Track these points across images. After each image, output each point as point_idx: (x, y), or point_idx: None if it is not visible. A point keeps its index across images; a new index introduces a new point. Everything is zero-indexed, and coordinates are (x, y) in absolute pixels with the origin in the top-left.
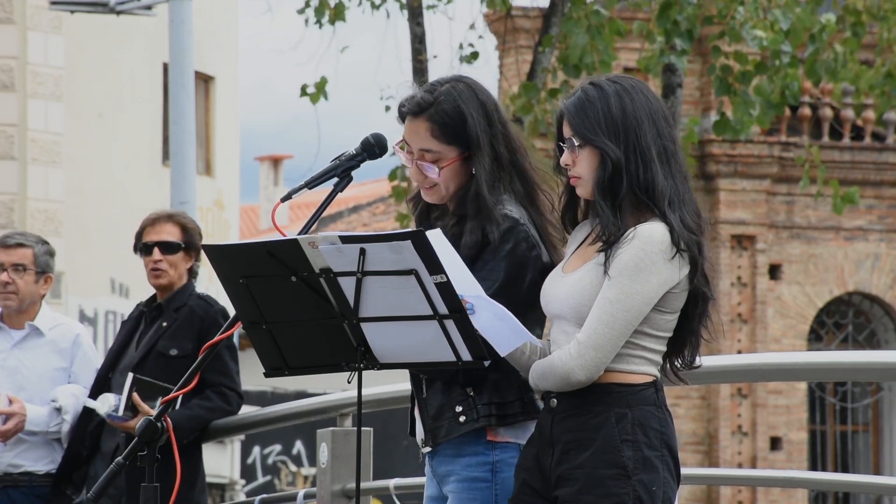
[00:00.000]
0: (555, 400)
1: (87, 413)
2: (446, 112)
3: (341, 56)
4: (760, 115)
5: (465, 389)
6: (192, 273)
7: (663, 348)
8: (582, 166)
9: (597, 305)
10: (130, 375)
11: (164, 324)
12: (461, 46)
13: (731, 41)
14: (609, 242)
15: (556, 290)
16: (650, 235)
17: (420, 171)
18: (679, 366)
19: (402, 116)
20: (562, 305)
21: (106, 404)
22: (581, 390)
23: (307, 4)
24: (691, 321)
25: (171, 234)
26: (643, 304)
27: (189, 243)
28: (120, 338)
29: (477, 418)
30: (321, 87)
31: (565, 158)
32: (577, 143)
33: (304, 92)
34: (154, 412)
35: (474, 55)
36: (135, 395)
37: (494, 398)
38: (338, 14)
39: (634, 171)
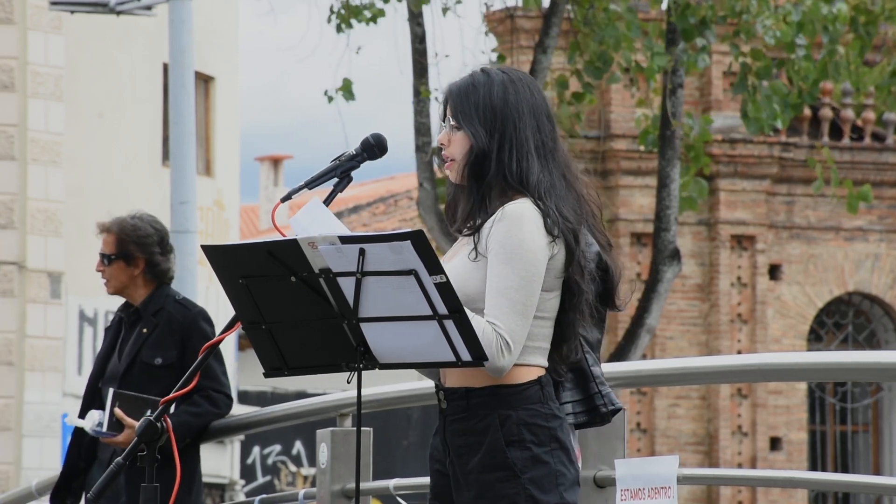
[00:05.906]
0: (445, 402)
1: (80, 429)
2: None
3: (353, 59)
4: (780, 114)
5: None
6: (157, 276)
7: (550, 331)
8: (455, 148)
9: (501, 296)
10: (111, 391)
11: (144, 329)
12: (483, 52)
13: (747, 38)
14: (475, 228)
15: None
16: (521, 212)
17: None
18: (558, 358)
19: None
20: None
21: (91, 421)
22: (466, 393)
23: (332, 11)
24: (566, 312)
25: (106, 244)
26: (539, 284)
27: (122, 253)
28: (105, 345)
29: None
30: (347, 88)
31: (441, 137)
32: (453, 125)
33: (330, 99)
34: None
35: (501, 57)
36: (117, 409)
37: None
38: (355, 14)
39: (507, 160)
